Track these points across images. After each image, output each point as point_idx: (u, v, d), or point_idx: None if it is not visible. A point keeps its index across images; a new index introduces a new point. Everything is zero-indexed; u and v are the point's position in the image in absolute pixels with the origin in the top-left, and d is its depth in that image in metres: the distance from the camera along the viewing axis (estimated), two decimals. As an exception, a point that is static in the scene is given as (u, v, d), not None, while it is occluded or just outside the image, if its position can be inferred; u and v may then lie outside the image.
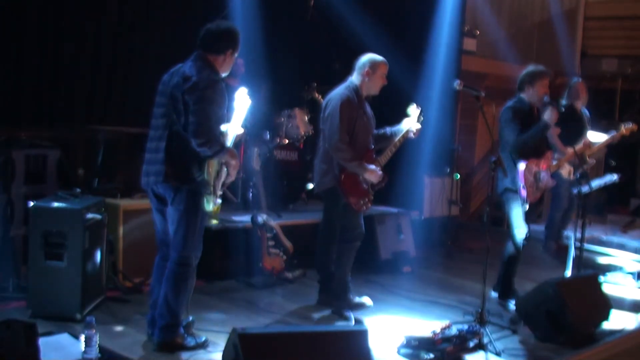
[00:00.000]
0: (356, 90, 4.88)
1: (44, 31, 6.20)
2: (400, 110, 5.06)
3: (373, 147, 4.97)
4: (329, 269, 5.07)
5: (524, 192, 5.15)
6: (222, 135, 3.90)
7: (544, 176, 5.27)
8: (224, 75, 4.04)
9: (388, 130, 5.05)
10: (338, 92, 4.88)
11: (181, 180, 3.87)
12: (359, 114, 4.84)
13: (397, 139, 4.96)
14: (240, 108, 3.97)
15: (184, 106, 3.81)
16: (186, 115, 3.81)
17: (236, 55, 4.08)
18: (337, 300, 4.97)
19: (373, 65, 4.86)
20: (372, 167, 4.83)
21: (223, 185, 4.00)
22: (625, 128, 6.40)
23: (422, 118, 4.99)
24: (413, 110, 4.97)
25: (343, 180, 4.80)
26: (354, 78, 4.93)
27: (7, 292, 4.78)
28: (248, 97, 4.00)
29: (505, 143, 5.18)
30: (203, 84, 3.80)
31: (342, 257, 4.98)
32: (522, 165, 5.10)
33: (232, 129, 3.95)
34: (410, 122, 4.96)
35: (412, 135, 4.97)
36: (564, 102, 6.83)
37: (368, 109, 5.00)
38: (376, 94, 4.98)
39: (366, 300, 5.11)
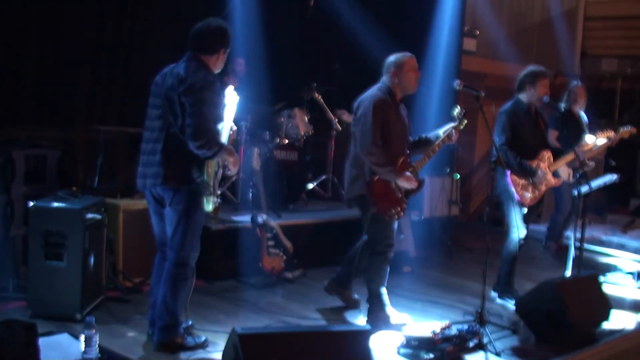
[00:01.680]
0: (389, 91, 4.63)
1: (44, 31, 6.20)
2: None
3: (408, 152, 4.71)
4: (349, 269, 4.96)
5: (517, 196, 5.16)
6: (218, 133, 3.91)
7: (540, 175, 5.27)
8: (216, 72, 4.02)
9: (430, 135, 4.81)
10: (370, 93, 4.63)
11: (180, 181, 3.87)
12: (393, 116, 4.59)
13: (436, 143, 4.71)
14: (231, 105, 4.00)
15: (180, 108, 3.80)
16: (183, 117, 3.80)
17: (227, 52, 4.05)
18: (372, 313, 4.73)
19: (398, 63, 4.62)
20: (407, 173, 4.57)
21: (226, 180, 4.01)
22: (624, 131, 6.40)
23: (465, 121, 4.75)
24: (457, 112, 4.72)
25: (373, 187, 4.52)
26: (385, 80, 4.67)
27: (7, 292, 4.78)
28: (236, 93, 4.02)
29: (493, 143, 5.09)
30: (199, 85, 3.78)
31: (372, 268, 4.72)
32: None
33: (226, 126, 3.98)
34: (452, 126, 4.70)
35: (452, 139, 4.73)
36: (562, 105, 6.84)
37: (404, 111, 4.75)
38: (413, 92, 4.72)
39: (405, 318, 4.76)
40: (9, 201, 4.94)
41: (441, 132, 4.75)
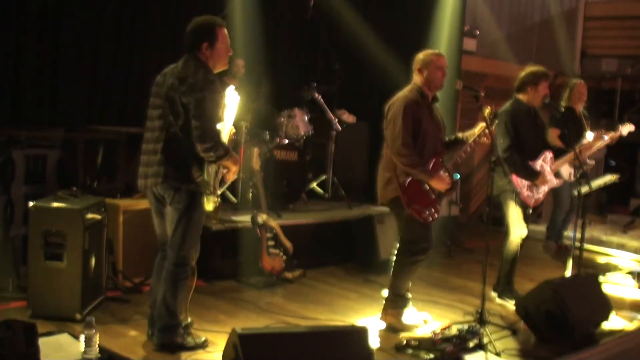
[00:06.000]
0: (420, 91, 4.55)
1: (44, 31, 6.19)
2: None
3: (442, 152, 4.64)
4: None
5: (524, 197, 5.16)
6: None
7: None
8: (215, 71, 3.99)
9: (465, 134, 4.76)
10: (401, 94, 4.56)
11: (181, 180, 3.86)
12: (425, 117, 4.51)
13: (468, 143, 4.65)
14: (231, 105, 4.00)
15: (182, 108, 3.80)
16: (184, 117, 3.80)
17: (214, 47, 3.92)
18: (388, 313, 4.68)
19: (425, 61, 4.54)
20: (440, 174, 4.51)
21: (222, 183, 4.00)
22: (622, 127, 6.40)
23: (496, 121, 4.70)
24: (488, 113, 4.62)
25: (406, 189, 4.46)
26: (415, 79, 4.60)
27: (7, 292, 4.78)
28: (236, 93, 4.02)
29: (496, 145, 5.00)
30: (200, 85, 3.78)
31: (401, 268, 4.66)
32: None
33: (226, 127, 3.98)
34: (483, 126, 4.61)
35: (484, 139, 4.66)
36: (562, 103, 6.83)
37: (436, 111, 4.68)
38: (441, 89, 4.62)
39: (421, 319, 4.77)
40: (9, 201, 4.94)
41: (475, 130, 4.68)
